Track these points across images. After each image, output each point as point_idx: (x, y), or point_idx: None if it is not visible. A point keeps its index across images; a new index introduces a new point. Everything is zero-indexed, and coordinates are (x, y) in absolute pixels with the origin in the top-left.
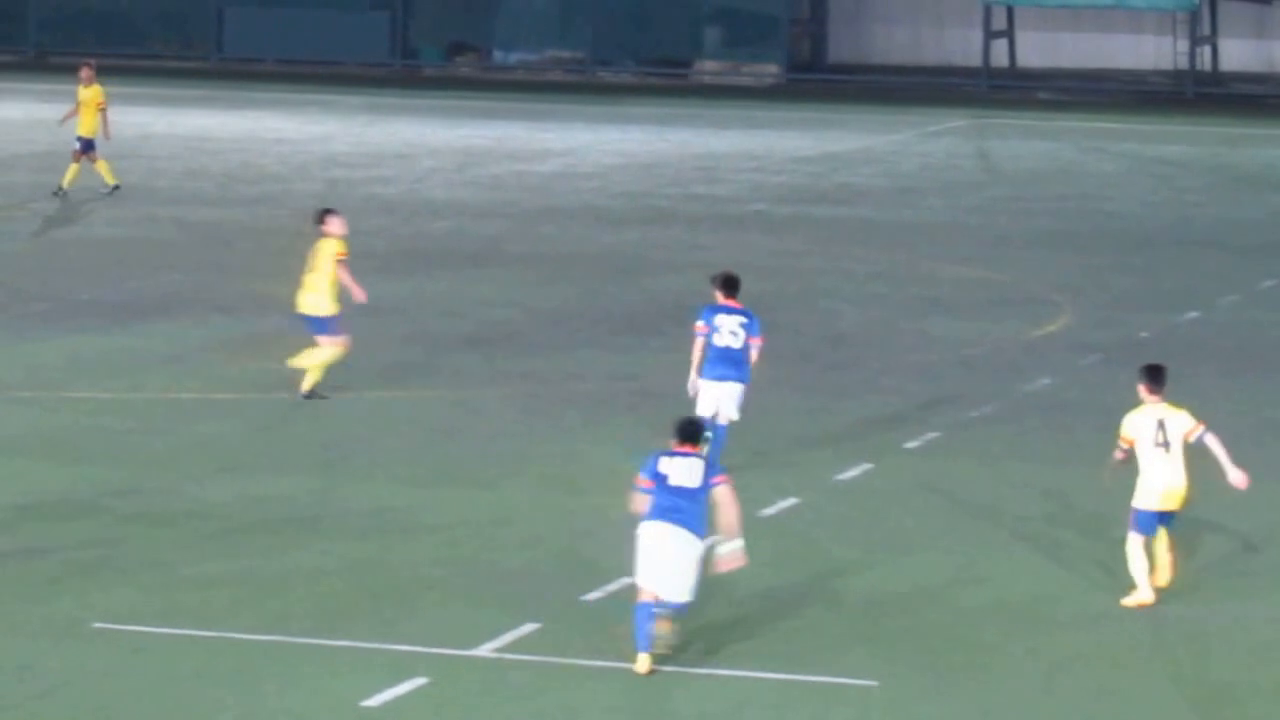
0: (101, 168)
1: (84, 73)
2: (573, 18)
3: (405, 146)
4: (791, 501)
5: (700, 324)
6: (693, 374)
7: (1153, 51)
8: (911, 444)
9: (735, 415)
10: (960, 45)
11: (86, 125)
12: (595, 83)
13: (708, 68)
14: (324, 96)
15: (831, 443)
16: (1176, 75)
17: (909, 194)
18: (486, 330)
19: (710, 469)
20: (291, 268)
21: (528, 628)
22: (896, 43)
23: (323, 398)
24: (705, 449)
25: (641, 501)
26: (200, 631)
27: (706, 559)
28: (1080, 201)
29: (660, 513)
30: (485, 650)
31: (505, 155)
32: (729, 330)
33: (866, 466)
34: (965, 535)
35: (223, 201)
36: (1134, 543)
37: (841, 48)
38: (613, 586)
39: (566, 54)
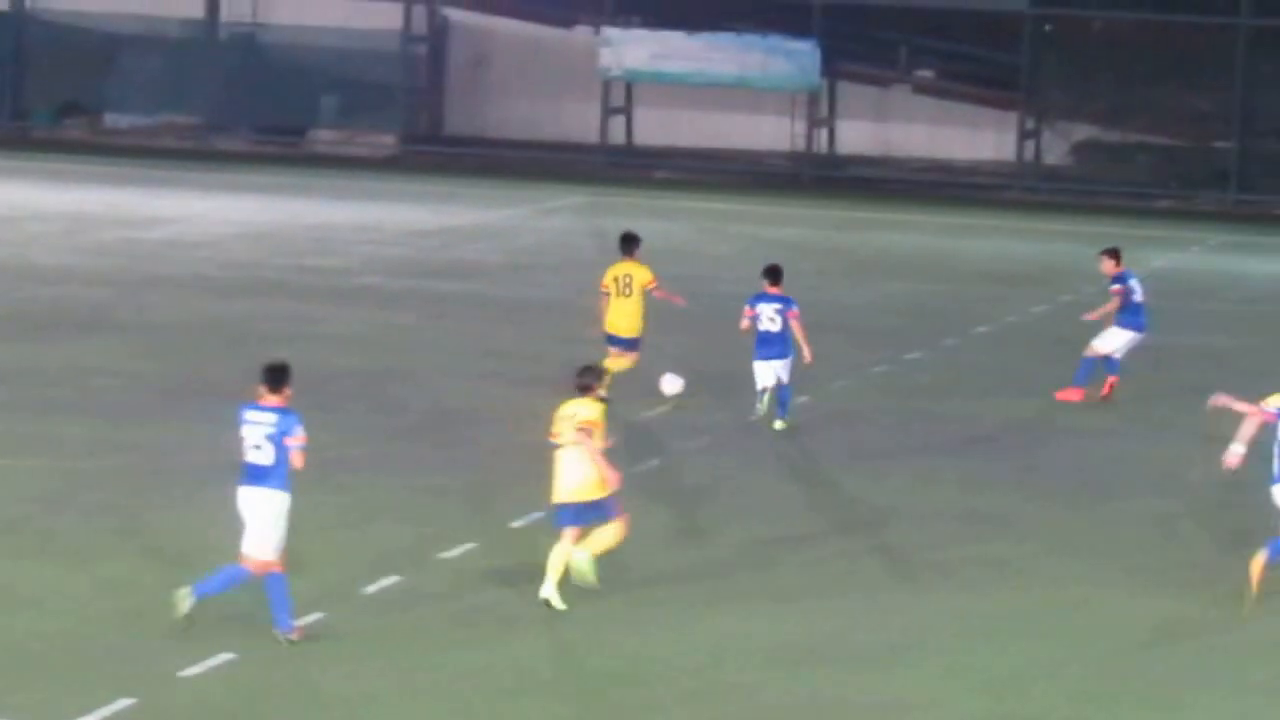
0: None
1: None
2: (187, 83)
3: (11, 210)
4: (393, 579)
5: (748, 308)
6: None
7: (772, 132)
8: (517, 523)
9: (786, 379)
10: (578, 121)
11: None
12: (209, 149)
13: (323, 137)
14: None
15: (437, 521)
16: (794, 157)
17: (524, 270)
18: (93, 400)
19: None
20: None
21: (123, 703)
22: (514, 116)
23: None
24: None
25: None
26: None
27: None
28: (695, 283)
29: None
30: None
31: (115, 221)
32: (767, 316)
33: (470, 546)
34: (568, 615)
35: None
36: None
37: (459, 120)
38: (213, 661)
39: (181, 119)
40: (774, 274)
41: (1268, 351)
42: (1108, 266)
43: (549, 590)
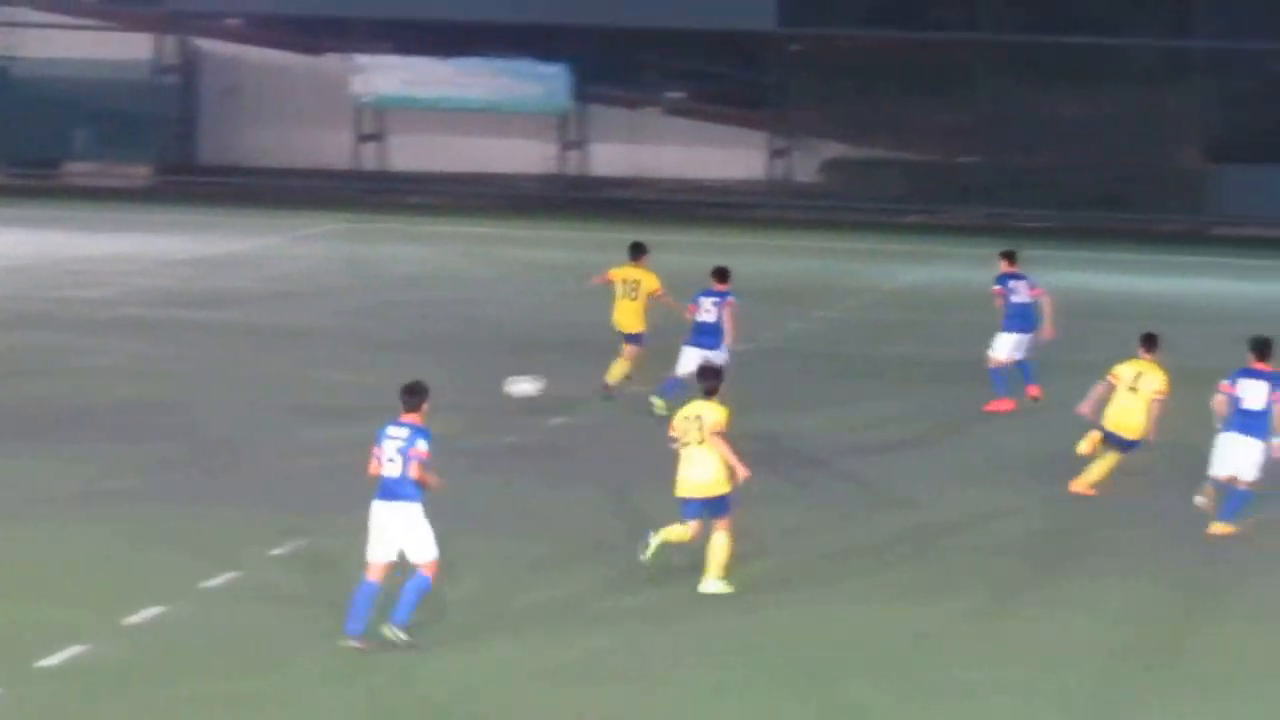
0: None
1: None
2: None
3: None
4: (157, 610)
5: (690, 305)
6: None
7: (525, 155)
8: (278, 550)
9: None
10: (332, 148)
11: None
12: None
13: (77, 169)
14: None
15: (199, 549)
16: (548, 180)
17: (282, 298)
18: None
19: None
20: None
21: None
22: (269, 145)
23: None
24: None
25: (1222, 403)
26: None
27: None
28: (453, 306)
29: (1234, 426)
30: None
31: None
32: (705, 308)
33: (233, 574)
34: (335, 642)
35: None
36: (1088, 439)
37: (213, 149)
38: None
39: None
40: (721, 273)
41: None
42: (1002, 266)
43: (711, 586)
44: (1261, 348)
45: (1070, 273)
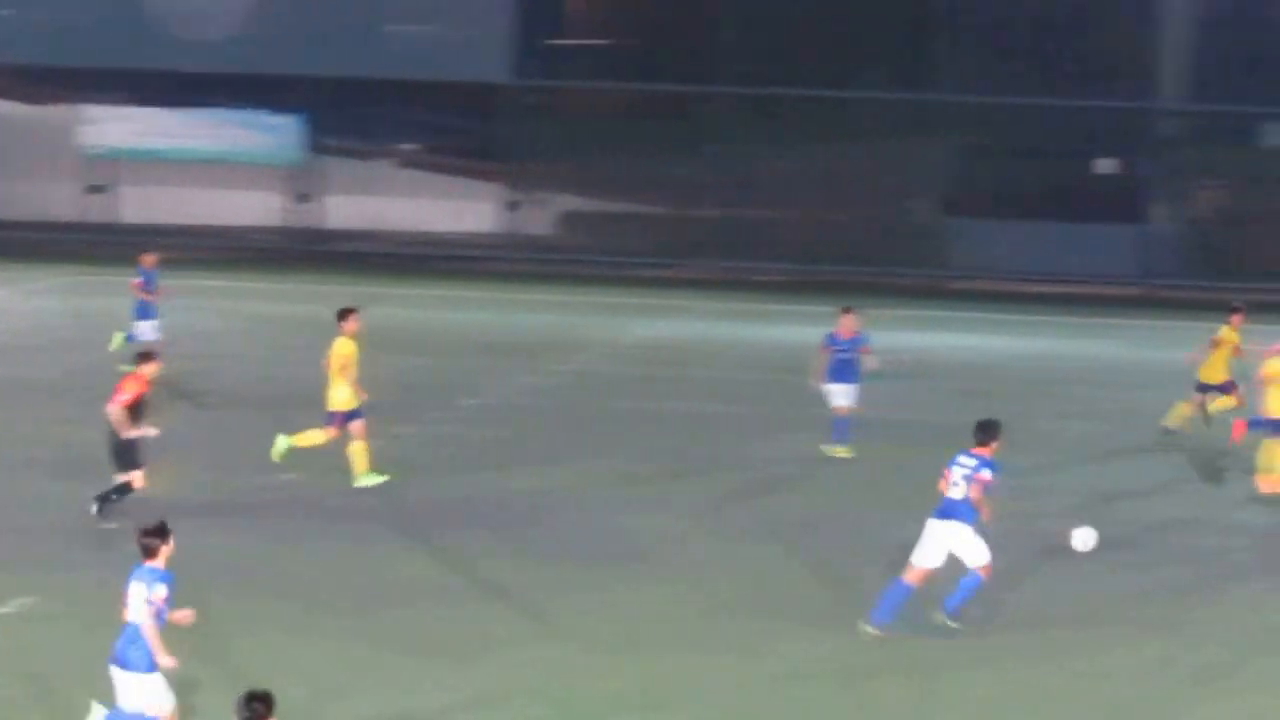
0: None
1: None
2: None
3: None
4: None
5: (824, 347)
6: (813, 379)
7: (259, 207)
8: (4, 610)
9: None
10: (59, 199)
11: None
12: None
13: None
14: None
15: None
16: (282, 232)
17: (11, 352)
18: None
19: None
20: None
21: None
22: None
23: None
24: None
25: None
26: None
27: None
28: (183, 361)
29: None
30: None
31: None
32: (839, 354)
33: None
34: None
35: None
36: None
37: None
38: None
39: None
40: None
41: (754, 416)
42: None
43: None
44: None
45: (809, 328)
